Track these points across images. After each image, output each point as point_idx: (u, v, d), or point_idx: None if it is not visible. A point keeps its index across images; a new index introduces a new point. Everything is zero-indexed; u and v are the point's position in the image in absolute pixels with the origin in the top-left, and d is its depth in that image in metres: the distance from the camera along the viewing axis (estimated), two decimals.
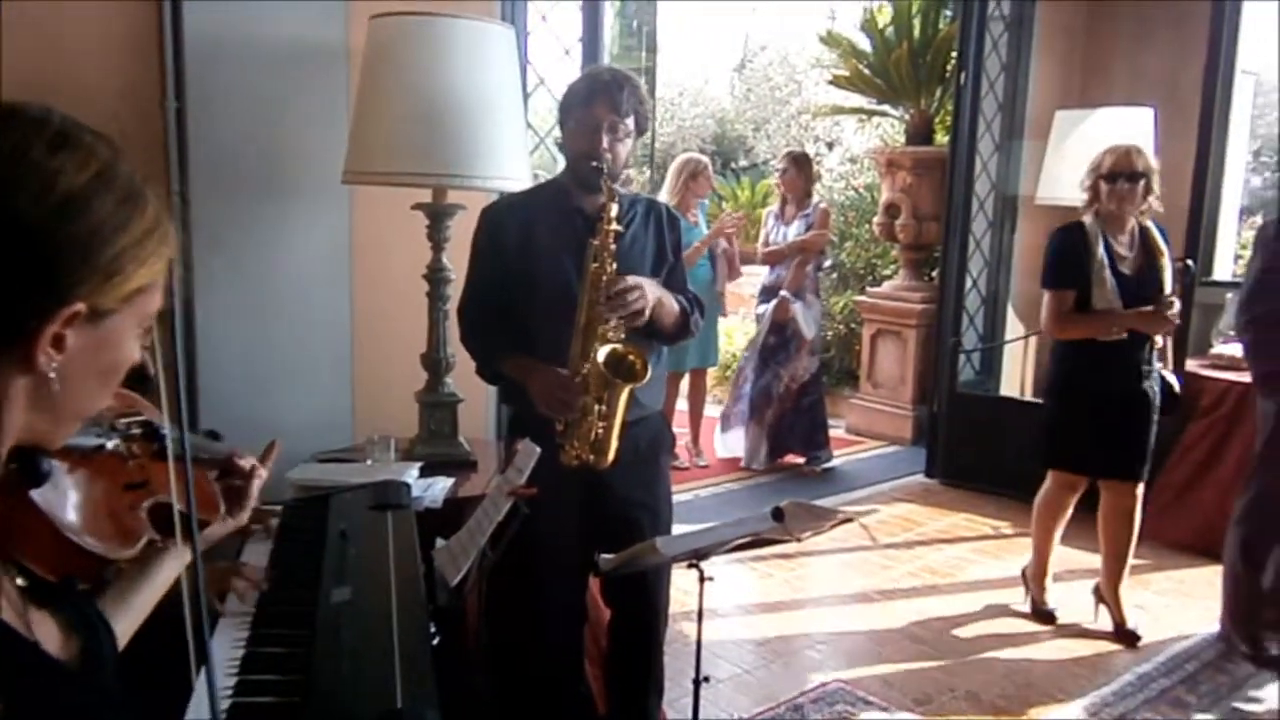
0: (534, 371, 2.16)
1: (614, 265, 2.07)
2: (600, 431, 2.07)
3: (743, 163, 13.88)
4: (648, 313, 2.11)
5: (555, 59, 3.55)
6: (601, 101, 2.15)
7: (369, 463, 2.54)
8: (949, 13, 5.84)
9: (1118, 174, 3.20)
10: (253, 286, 2.75)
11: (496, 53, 2.50)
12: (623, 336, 2.10)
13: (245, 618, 1.49)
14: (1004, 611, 3.65)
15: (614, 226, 2.07)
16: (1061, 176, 4.94)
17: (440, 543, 1.93)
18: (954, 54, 5.33)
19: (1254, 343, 3.27)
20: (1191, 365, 4.51)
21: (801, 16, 13.46)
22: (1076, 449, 3.37)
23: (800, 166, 5.33)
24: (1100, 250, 3.21)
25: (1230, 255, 5.40)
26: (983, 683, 3.11)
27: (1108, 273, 3.21)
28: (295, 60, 2.76)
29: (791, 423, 5.35)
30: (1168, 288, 3.26)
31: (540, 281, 2.20)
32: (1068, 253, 3.26)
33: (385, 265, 2.92)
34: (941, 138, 5.92)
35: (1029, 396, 5.57)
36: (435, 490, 2.42)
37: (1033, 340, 5.52)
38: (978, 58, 4.98)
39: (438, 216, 2.62)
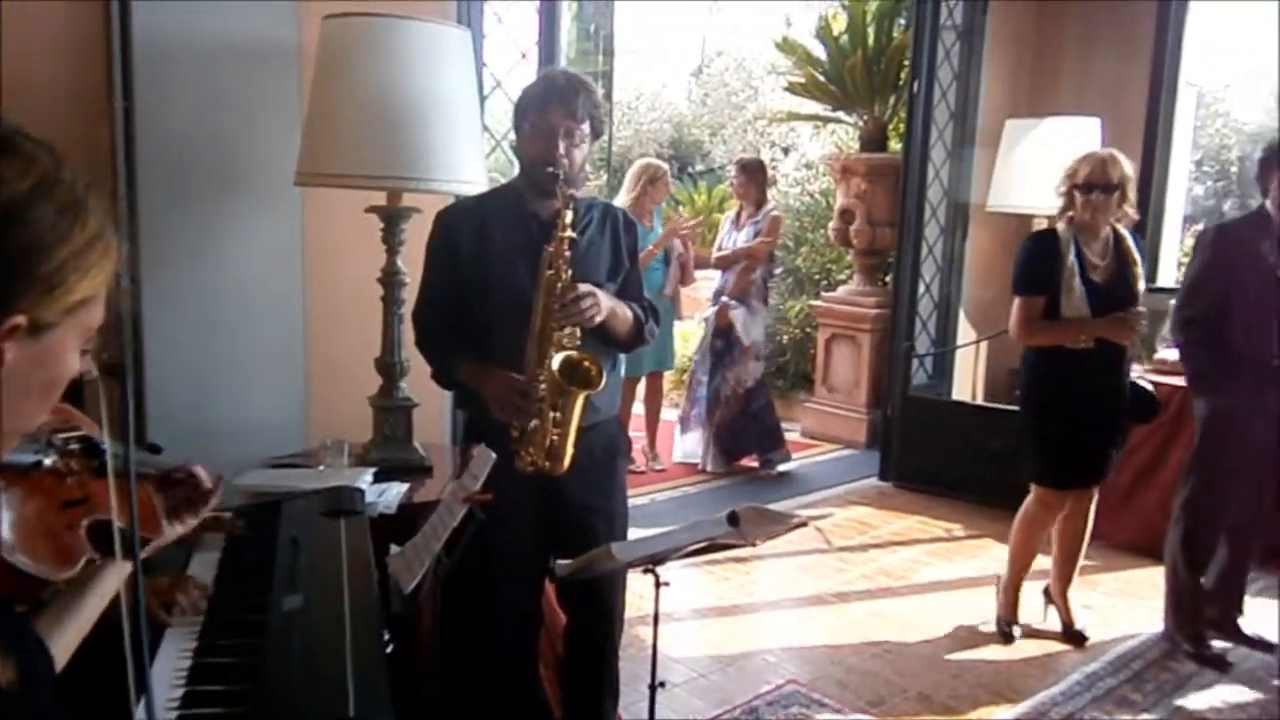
0: (489, 377, 2.15)
1: (569, 272, 2.07)
2: (555, 438, 2.07)
3: (699, 167, 13.94)
4: (599, 319, 2.11)
5: (512, 62, 3.54)
6: (558, 107, 2.14)
7: (322, 468, 2.51)
8: (903, 21, 5.92)
9: (1093, 184, 3.17)
10: (202, 290, 2.70)
11: (451, 55, 2.48)
12: (578, 343, 2.09)
13: (194, 627, 1.47)
14: (956, 613, 3.69)
15: (569, 234, 2.07)
16: (1012, 184, 5.04)
17: (394, 549, 1.91)
18: (907, 62, 5.39)
19: (1186, 343, 3.37)
20: (1136, 369, 4.60)
21: (757, 21, 13.57)
22: (1066, 463, 3.32)
23: (751, 174, 5.38)
24: (1071, 258, 3.18)
25: (1174, 263, 5.53)
26: (934, 684, 3.15)
27: (1077, 280, 3.18)
28: (246, 60, 2.72)
29: (742, 426, 5.39)
30: (1139, 296, 3.23)
31: (495, 286, 2.19)
32: (1038, 259, 3.24)
33: (339, 268, 2.89)
34: (895, 144, 6.00)
35: (980, 400, 5.66)
36: (389, 496, 2.40)
37: (984, 345, 5.60)
38: (930, 66, 5.05)
39: (392, 219, 2.60)
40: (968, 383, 5.70)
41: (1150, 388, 3.41)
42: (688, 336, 7.30)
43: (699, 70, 15.34)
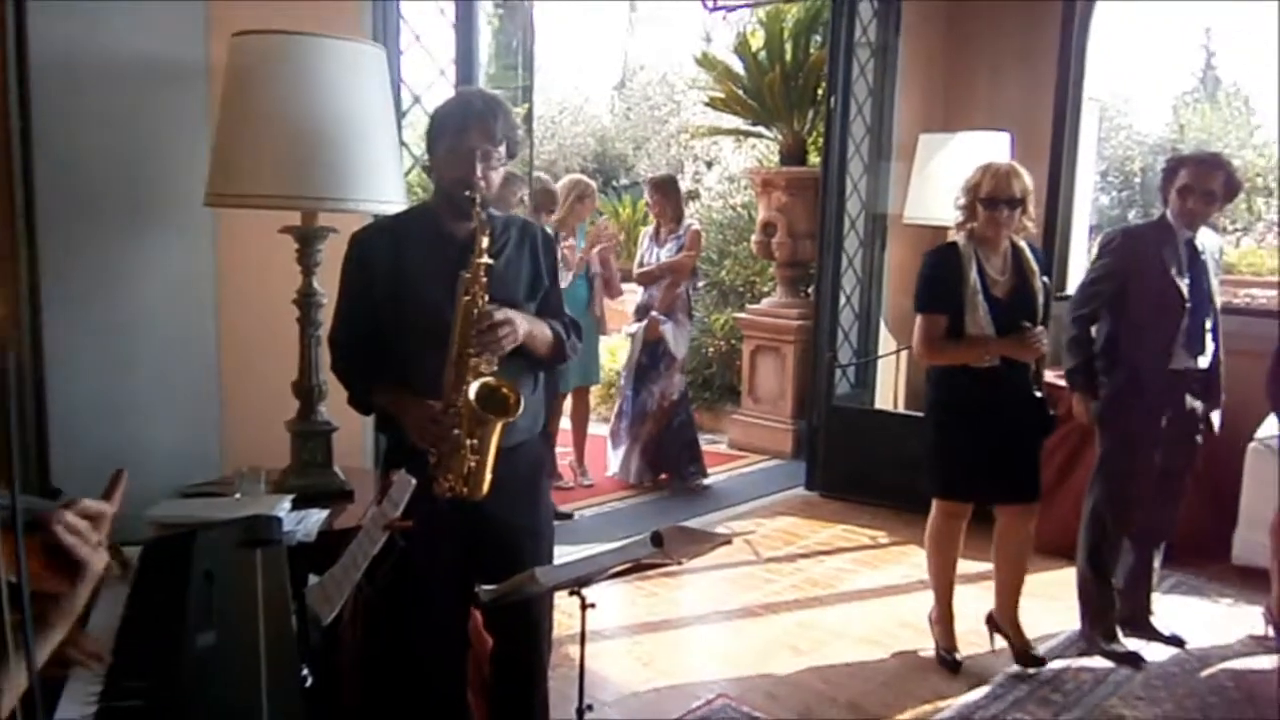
0: (406, 403, 2.13)
1: (485, 298, 2.06)
2: (473, 465, 2.05)
3: (624, 181, 13.99)
4: (509, 345, 2.10)
5: (430, 78, 3.50)
6: (475, 129, 2.13)
7: (237, 496, 2.45)
8: (819, 38, 6.02)
9: (996, 198, 3.12)
10: (108, 315, 2.61)
11: (366, 72, 2.45)
12: (495, 369, 2.08)
13: (99, 672, 1.41)
14: (881, 620, 3.74)
15: (485, 259, 2.06)
16: (927, 197, 5.16)
17: (313, 579, 1.87)
18: (824, 78, 5.48)
19: (1072, 340, 3.47)
20: (1049, 376, 4.73)
21: (679, 36, 13.70)
22: (963, 474, 3.28)
23: (664, 191, 5.43)
24: (973, 273, 3.14)
25: (1082, 271, 5.70)
26: (862, 692, 3.19)
27: (980, 297, 3.14)
28: (153, 77, 2.65)
29: (668, 440, 5.40)
30: (1039, 311, 3.20)
31: (412, 310, 2.17)
32: (940, 276, 3.19)
33: (254, 290, 2.82)
34: (814, 158, 6.09)
35: (903, 409, 5.76)
36: (309, 523, 2.34)
37: (905, 354, 5.71)
38: (846, 82, 5.14)
39: (307, 240, 2.55)
40: (889, 391, 5.81)
41: (1046, 403, 3.32)
42: (614, 351, 7.30)
43: (622, 84, 15.42)
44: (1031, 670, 3.31)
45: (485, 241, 2.06)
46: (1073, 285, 5.50)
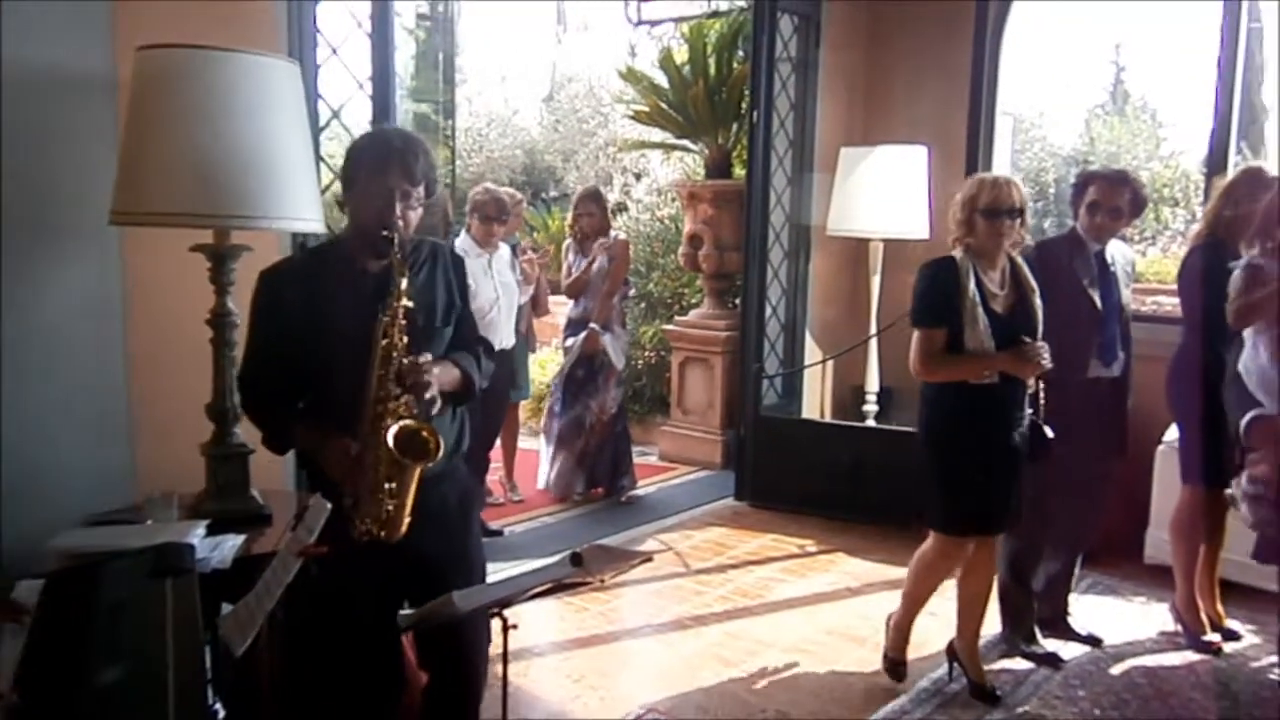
0: (323, 443, 2.10)
1: (404, 340, 2.05)
2: (391, 508, 2.03)
3: (553, 193, 13.97)
4: (430, 394, 2.08)
5: (349, 91, 3.46)
6: (395, 170, 2.11)
7: (149, 523, 2.37)
8: (742, 53, 6.09)
9: (998, 209, 3.01)
10: (8, 335, 2.51)
11: (278, 88, 2.40)
12: (414, 412, 2.06)
13: None
14: (809, 629, 3.78)
15: (405, 302, 2.04)
16: (849, 209, 5.26)
17: (226, 608, 1.82)
18: (747, 92, 5.55)
19: None
20: None
21: (605, 49, 13.75)
22: (975, 508, 3.12)
23: (599, 203, 5.43)
24: (972, 287, 3.03)
25: None
26: (791, 701, 3.22)
27: (980, 311, 3.03)
28: (54, 91, 2.56)
29: (605, 453, 5.39)
30: (1039, 325, 3.10)
31: (327, 347, 2.13)
32: (938, 289, 3.06)
33: (164, 310, 2.74)
34: (739, 171, 6.15)
35: (829, 418, 5.85)
36: (224, 549, 2.28)
37: (830, 364, 5.80)
38: (768, 96, 5.21)
39: (220, 259, 2.49)
40: (816, 401, 5.89)
41: (1048, 430, 3.16)
42: (543, 364, 7.28)
43: (550, 96, 15.41)
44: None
45: (404, 283, 2.05)
46: None
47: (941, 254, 4.87)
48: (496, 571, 2.57)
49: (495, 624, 1.98)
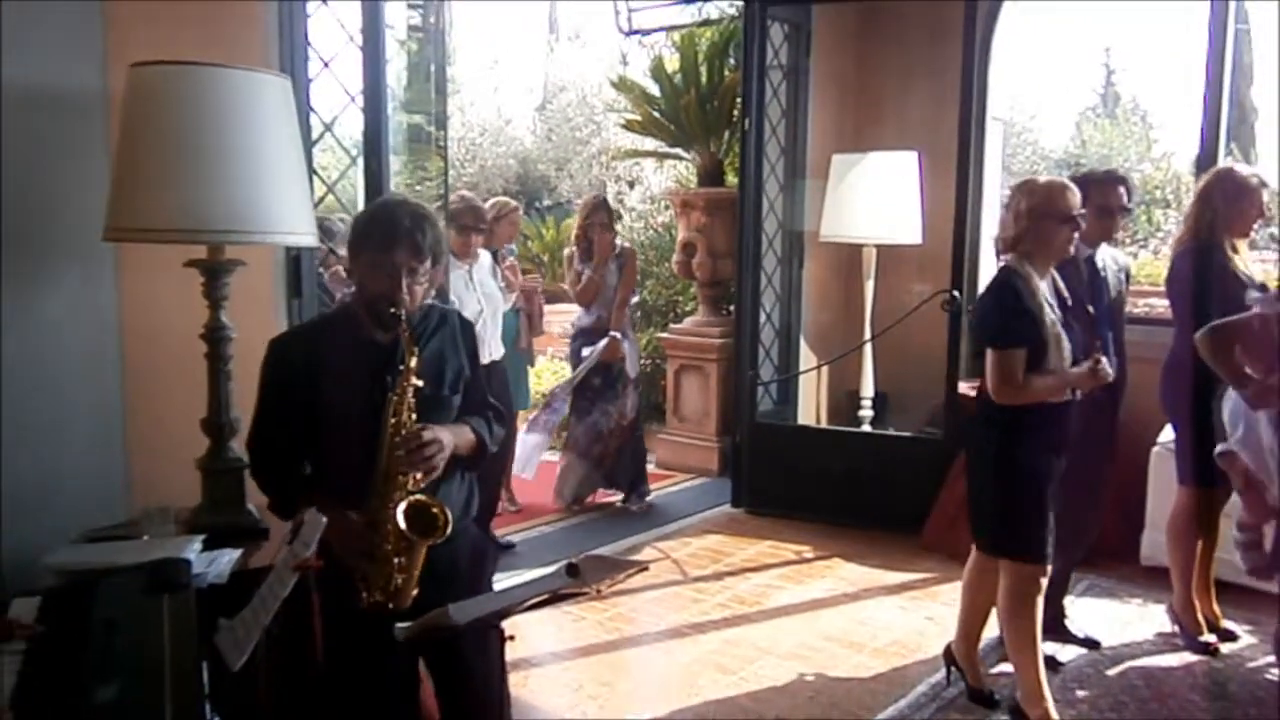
0: (330, 519, 2.10)
1: (413, 417, 2.07)
2: (400, 582, 2.06)
3: (547, 202, 13.99)
4: (441, 463, 2.12)
5: (341, 104, 3.46)
6: (404, 248, 2.13)
7: (145, 538, 2.37)
8: (733, 61, 6.11)
9: (1070, 215, 2.85)
10: (3, 353, 2.51)
11: (271, 103, 2.41)
12: (423, 486, 2.10)
13: None
14: (807, 635, 3.79)
15: (415, 382, 2.07)
16: (842, 215, 5.28)
17: (223, 623, 1.82)
18: (738, 100, 5.57)
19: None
20: (963, 387, 4.87)
21: (596, 58, 13.79)
22: (1045, 533, 2.94)
23: (609, 211, 5.43)
24: (1046, 300, 2.86)
25: None
26: (789, 708, 3.22)
27: (1060, 326, 2.86)
28: (48, 109, 2.57)
29: (625, 459, 5.38)
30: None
31: (335, 418, 2.15)
32: (1015, 305, 2.83)
33: (159, 326, 2.74)
34: (732, 179, 6.17)
35: (824, 423, 5.86)
36: (220, 564, 2.28)
37: (825, 369, 5.81)
38: (760, 104, 5.23)
39: (214, 273, 2.49)
40: (811, 407, 5.90)
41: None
42: (539, 373, 7.29)
43: (543, 105, 15.44)
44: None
45: (414, 362, 2.07)
46: None
47: (936, 259, 4.94)
48: (495, 582, 2.58)
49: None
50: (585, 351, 5.31)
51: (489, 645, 2.04)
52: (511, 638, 1.87)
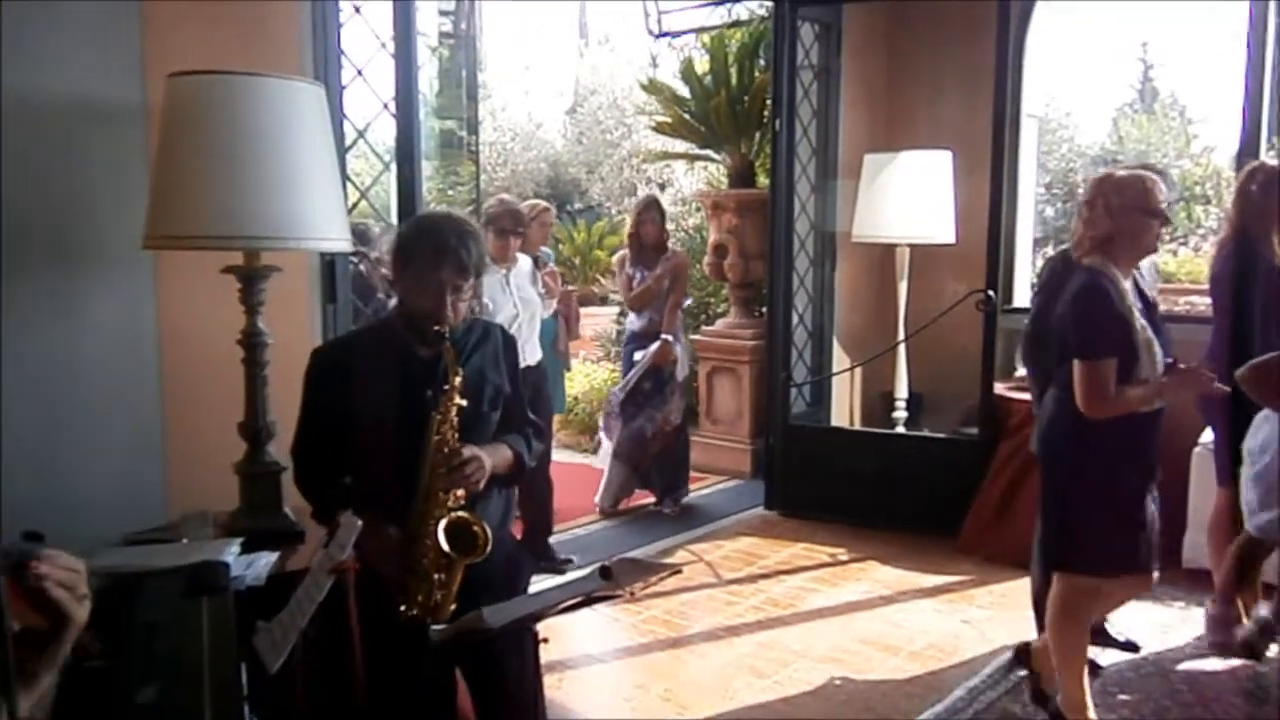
0: (368, 532, 2.13)
1: (456, 436, 2.09)
2: (439, 597, 2.07)
3: (578, 205, 14.04)
4: (483, 482, 2.13)
5: (374, 112, 3.50)
6: (449, 265, 2.15)
7: (184, 541, 2.40)
8: (763, 62, 6.09)
9: (1161, 212, 2.71)
10: (44, 360, 2.56)
11: (304, 111, 2.44)
12: (464, 503, 2.12)
13: None
14: (841, 639, 3.76)
15: (458, 400, 2.08)
16: (874, 215, 5.24)
17: (261, 625, 1.84)
18: (769, 101, 5.55)
19: (1030, 377, 3.40)
20: (999, 388, 4.82)
21: (627, 61, 13.81)
22: (1149, 539, 2.83)
23: (662, 212, 5.44)
24: (1134, 305, 2.70)
25: (1028, 284, 5.82)
26: (823, 711, 3.20)
27: (1151, 332, 2.70)
28: (89, 120, 2.62)
29: (662, 464, 5.37)
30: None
31: (376, 430, 2.17)
32: (1108, 312, 2.67)
33: (197, 332, 2.78)
34: (763, 180, 6.15)
35: (858, 425, 5.82)
36: (258, 567, 2.31)
37: (858, 370, 5.77)
38: (790, 105, 5.21)
39: (250, 279, 2.52)
40: (845, 408, 5.86)
41: None
42: (571, 377, 7.31)
43: (573, 109, 15.50)
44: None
45: (458, 380, 2.08)
46: (1019, 297, 5.61)
47: (970, 259, 4.88)
48: (529, 584, 2.59)
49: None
50: (638, 355, 5.29)
51: (523, 647, 2.05)
52: (546, 640, 1.88)
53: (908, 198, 5.13)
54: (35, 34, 2.48)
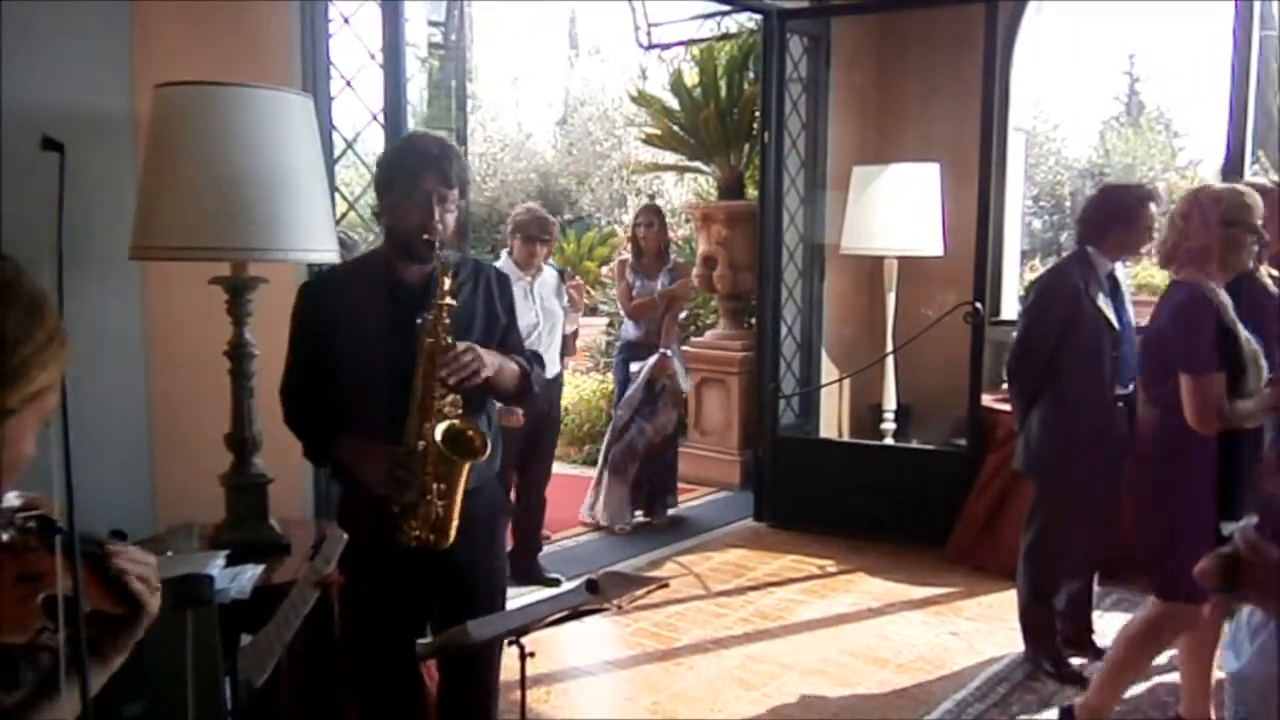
0: (367, 453, 2.11)
1: (448, 339, 2.05)
2: (440, 511, 2.04)
3: (568, 216, 14.06)
4: (484, 374, 2.08)
5: (363, 122, 3.50)
6: (432, 174, 2.12)
7: (169, 554, 2.38)
8: (752, 74, 6.12)
9: (1258, 224, 2.68)
10: None
11: (292, 121, 2.43)
12: (460, 412, 2.07)
13: None
14: (830, 651, 3.76)
15: (447, 300, 2.05)
16: (863, 227, 5.26)
17: (245, 639, 1.83)
18: (758, 113, 5.57)
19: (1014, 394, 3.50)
20: (987, 400, 4.83)
21: (616, 73, 13.87)
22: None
23: (661, 217, 5.43)
24: (1235, 318, 2.65)
25: (1015, 296, 5.84)
26: None
27: (1256, 345, 2.65)
28: (76, 130, 2.60)
29: (652, 475, 5.35)
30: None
31: (368, 356, 2.14)
32: (1211, 325, 2.63)
33: (184, 342, 2.77)
34: (752, 191, 6.16)
35: (846, 437, 5.83)
36: (243, 579, 2.29)
37: (847, 382, 5.78)
38: (779, 117, 5.23)
39: (238, 290, 2.52)
40: (834, 420, 5.87)
41: None
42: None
43: (563, 120, 15.54)
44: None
45: (448, 283, 2.05)
46: (1006, 309, 5.64)
47: (959, 271, 4.90)
48: (516, 597, 2.58)
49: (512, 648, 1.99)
50: (633, 366, 5.26)
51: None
52: (532, 654, 1.86)
53: (896, 210, 5.15)
54: (24, 44, 2.47)
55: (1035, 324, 3.45)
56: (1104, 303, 3.34)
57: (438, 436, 2.00)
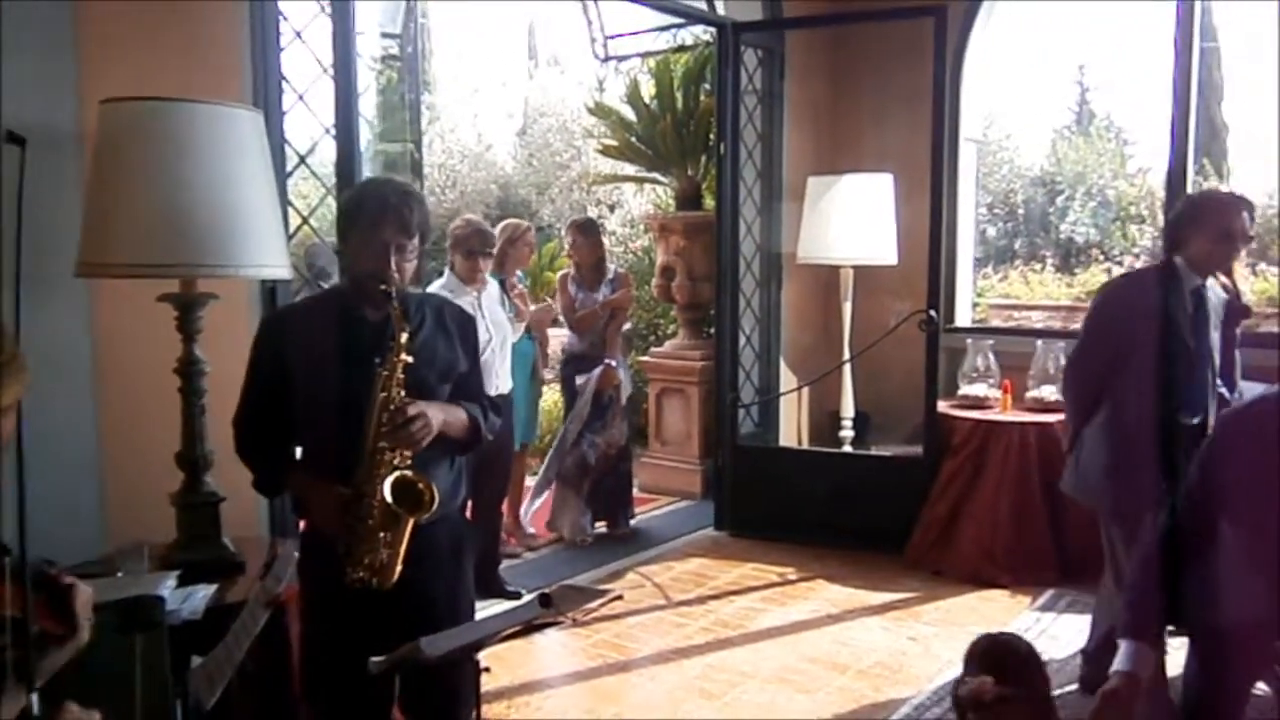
0: (314, 491, 2.11)
1: (401, 393, 2.05)
2: (385, 557, 2.04)
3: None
4: (427, 441, 2.10)
5: (316, 136, 3.48)
6: (391, 223, 2.12)
7: (119, 575, 2.35)
8: (708, 86, 6.16)
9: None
10: None
11: (241, 137, 2.42)
12: (409, 462, 2.08)
13: None
14: (790, 658, 3.78)
15: (405, 357, 2.05)
16: (818, 237, 5.31)
17: (195, 661, 1.81)
18: (714, 124, 5.61)
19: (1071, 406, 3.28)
20: (942, 406, 4.90)
21: (574, 83, 13.88)
22: None
23: (586, 234, 5.38)
24: None
25: (969, 303, 5.93)
26: None
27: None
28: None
29: (613, 487, 5.33)
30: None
31: (324, 394, 2.14)
32: None
33: (133, 360, 2.74)
34: (710, 202, 6.21)
35: (805, 444, 5.87)
36: (195, 600, 2.27)
37: (805, 390, 5.83)
38: (735, 128, 5.27)
39: (187, 307, 2.50)
40: (793, 428, 5.91)
41: None
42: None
43: (523, 130, 15.51)
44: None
45: (404, 338, 2.06)
46: (960, 317, 5.73)
47: (913, 280, 4.97)
48: (476, 610, 2.56)
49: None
50: (579, 379, 5.23)
51: (460, 662, 2.01)
52: (488, 669, 1.86)
53: (850, 220, 5.21)
54: None
55: (1094, 332, 3.19)
56: (1183, 320, 3.04)
57: (386, 489, 2.01)
